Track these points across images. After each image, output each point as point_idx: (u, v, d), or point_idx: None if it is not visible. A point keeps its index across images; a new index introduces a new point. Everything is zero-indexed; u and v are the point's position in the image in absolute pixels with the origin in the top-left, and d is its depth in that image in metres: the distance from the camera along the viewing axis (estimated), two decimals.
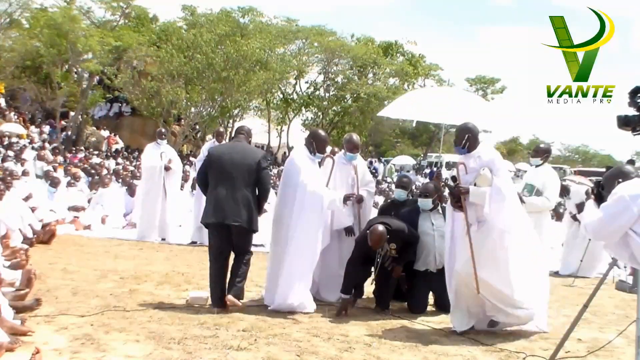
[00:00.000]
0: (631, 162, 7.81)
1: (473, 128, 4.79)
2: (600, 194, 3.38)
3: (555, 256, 9.08)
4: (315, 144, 5.36)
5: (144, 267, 6.76)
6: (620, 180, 3.27)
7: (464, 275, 4.60)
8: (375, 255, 5.32)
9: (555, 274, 8.49)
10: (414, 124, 7.10)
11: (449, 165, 31.18)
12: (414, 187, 6.44)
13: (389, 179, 25.04)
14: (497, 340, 4.67)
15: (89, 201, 10.61)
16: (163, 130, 9.78)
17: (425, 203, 5.66)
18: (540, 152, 6.38)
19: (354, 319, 5.02)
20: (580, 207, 8.64)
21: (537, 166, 6.33)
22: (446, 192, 5.14)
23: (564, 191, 9.11)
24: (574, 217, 8.77)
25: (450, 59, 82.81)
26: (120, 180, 12.25)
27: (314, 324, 4.73)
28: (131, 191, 10.99)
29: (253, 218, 5.08)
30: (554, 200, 6.28)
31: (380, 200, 12.10)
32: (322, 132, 5.73)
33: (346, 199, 5.52)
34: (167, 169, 9.15)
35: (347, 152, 5.91)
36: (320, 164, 5.69)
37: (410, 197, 6.19)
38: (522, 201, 6.13)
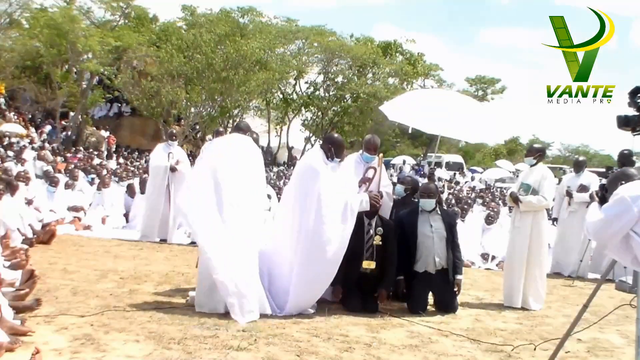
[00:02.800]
0: (631, 162, 7.80)
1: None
2: (604, 196, 3.38)
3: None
4: (334, 149, 5.26)
5: (144, 267, 6.75)
6: (623, 182, 3.27)
7: None
8: (363, 235, 5.32)
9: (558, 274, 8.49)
10: (409, 130, 7.07)
11: (449, 165, 31.31)
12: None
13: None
14: (497, 340, 4.68)
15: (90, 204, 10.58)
16: (174, 131, 9.77)
17: (428, 203, 5.67)
18: (534, 151, 6.37)
19: (354, 319, 5.02)
20: (583, 189, 8.52)
21: (531, 166, 6.33)
22: (446, 193, 5.16)
23: (577, 166, 9.00)
24: (569, 194, 8.65)
25: (451, 60, 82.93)
26: (117, 179, 12.24)
27: (314, 324, 4.73)
28: (131, 192, 10.97)
29: None
30: (550, 199, 6.28)
31: None
32: (339, 137, 5.63)
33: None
34: (172, 169, 9.12)
35: (364, 152, 5.88)
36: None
37: (413, 199, 6.17)
38: (518, 200, 6.11)
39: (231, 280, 4.68)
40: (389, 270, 5.44)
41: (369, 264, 5.33)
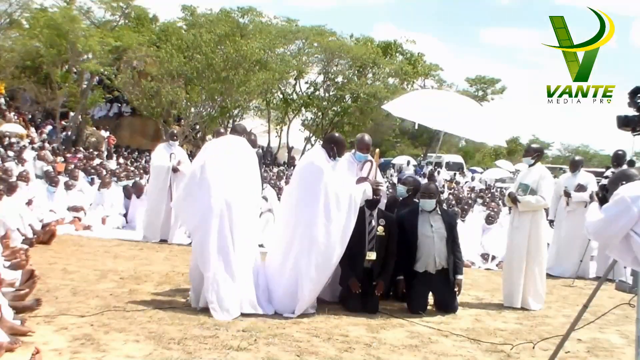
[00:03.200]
0: (631, 163, 7.80)
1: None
2: (604, 197, 3.38)
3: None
4: (336, 149, 5.31)
5: (144, 267, 6.75)
6: (623, 182, 3.28)
7: None
8: (364, 227, 5.33)
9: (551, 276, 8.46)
10: (415, 126, 7.17)
11: (449, 165, 31.32)
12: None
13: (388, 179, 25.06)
14: (497, 340, 4.68)
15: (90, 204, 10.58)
16: (175, 131, 9.85)
17: (428, 204, 5.67)
18: (532, 151, 6.37)
19: (354, 319, 5.02)
20: (580, 188, 8.49)
21: (529, 166, 6.33)
22: (446, 193, 5.18)
23: (573, 166, 8.96)
24: (567, 193, 8.60)
25: (451, 60, 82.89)
26: (115, 179, 12.23)
27: (314, 324, 4.73)
28: (127, 193, 10.95)
29: None
30: (548, 199, 6.28)
31: None
32: (341, 137, 5.69)
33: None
34: (174, 170, 9.12)
35: (357, 151, 5.91)
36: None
37: (414, 200, 6.17)
38: (517, 200, 6.11)
39: (214, 277, 4.75)
40: (389, 262, 5.45)
41: (369, 256, 5.36)
